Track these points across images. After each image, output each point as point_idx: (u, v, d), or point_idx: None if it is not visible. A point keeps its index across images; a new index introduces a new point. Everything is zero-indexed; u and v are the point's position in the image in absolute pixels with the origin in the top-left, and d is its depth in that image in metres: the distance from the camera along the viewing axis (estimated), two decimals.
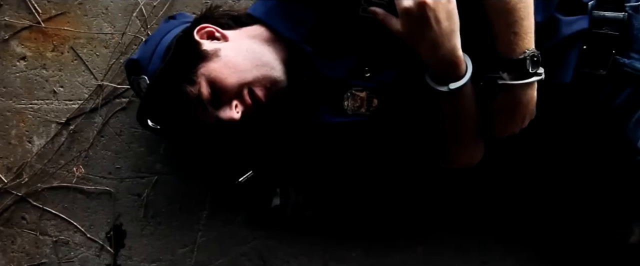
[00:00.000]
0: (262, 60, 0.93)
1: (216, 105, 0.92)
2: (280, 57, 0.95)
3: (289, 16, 0.95)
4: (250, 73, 0.91)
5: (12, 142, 1.18)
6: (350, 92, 0.96)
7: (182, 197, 1.19)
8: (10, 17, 1.15)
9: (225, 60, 0.91)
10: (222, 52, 0.92)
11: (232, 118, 0.92)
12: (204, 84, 0.90)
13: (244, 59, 0.92)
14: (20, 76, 1.17)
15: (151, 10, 1.15)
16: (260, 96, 0.93)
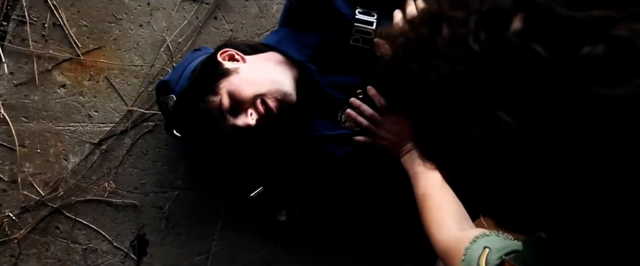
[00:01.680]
0: (274, 77, 1.09)
1: (234, 114, 1.07)
2: (290, 75, 1.11)
3: (296, 42, 1.12)
4: (264, 86, 1.07)
5: (50, 160, 1.33)
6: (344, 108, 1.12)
7: (199, 210, 1.33)
8: (53, 50, 1.31)
9: (243, 76, 1.08)
10: (241, 70, 1.09)
11: (248, 124, 1.06)
12: (224, 95, 1.06)
13: (259, 75, 1.08)
14: (59, 102, 1.32)
15: (176, 46, 1.31)
16: (272, 107, 1.07)
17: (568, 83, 0.36)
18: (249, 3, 1.32)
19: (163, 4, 1.31)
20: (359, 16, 1.05)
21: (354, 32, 1.06)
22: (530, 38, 0.37)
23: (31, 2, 1.30)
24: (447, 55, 0.41)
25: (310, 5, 1.08)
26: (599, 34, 0.35)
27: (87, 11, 1.31)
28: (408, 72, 0.45)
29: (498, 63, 0.38)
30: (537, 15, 0.38)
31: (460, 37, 0.40)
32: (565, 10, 0.36)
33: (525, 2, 0.38)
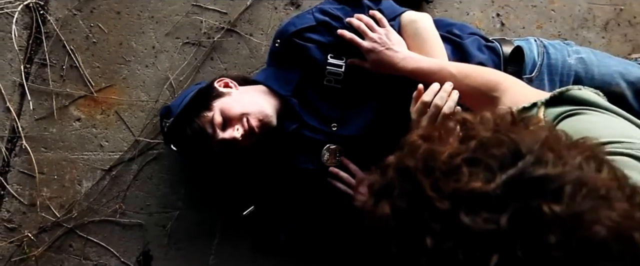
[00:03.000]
0: (259, 102, 1.28)
1: (223, 129, 1.25)
2: (273, 104, 1.30)
3: (280, 79, 1.32)
4: (250, 107, 1.26)
5: (65, 185, 1.50)
6: (327, 147, 1.31)
7: (198, 227, 1.50)
8: (70, 88, 1.49)
9: (234, 98, 1.27)
10: (233, 94, 1.29)
11: (233, 137, 1.23)
12: (216, 112, 1.24)
13: (247, 99, 1.28)
14: (75, 133, 1.50)
15: (178, 83, 1.50)
16: (254, 125, 1.24)
17: None
18: (240, 45, 1.52)
19: (166, 47, 1.51)
20: (330, 60, 1.25)
21: (327, 74, 1.26)
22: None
23: (51, 47, 1.49)
24: (428, 262, 0.46)
25: (289, 51, 1.28)
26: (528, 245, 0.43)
27: (100, 54, 1.50)
28: (381, 247, 0.51)
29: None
30: None
31: (440, 252, 0.45)
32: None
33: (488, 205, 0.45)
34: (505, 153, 0.48)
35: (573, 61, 1.26)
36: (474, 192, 0.45)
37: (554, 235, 0.43)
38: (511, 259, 0.43)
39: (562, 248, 0.43)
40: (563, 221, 0.44)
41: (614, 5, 1.58)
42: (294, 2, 1.52)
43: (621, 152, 0.66)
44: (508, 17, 1.56)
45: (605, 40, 1.57)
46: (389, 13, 1.25)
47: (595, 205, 0.45)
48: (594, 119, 0.73)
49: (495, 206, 0.45)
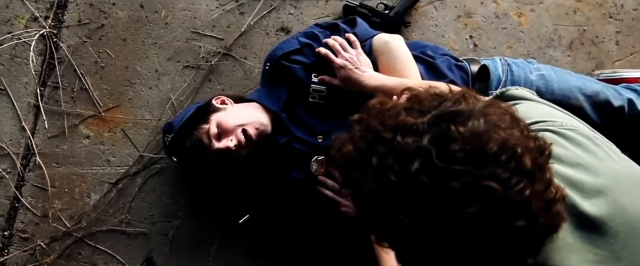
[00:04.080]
0: (253, 116, 1.41)
1: (219, 140, 1.37)
2: (264, 119, 1.42)
3: (271, 96, 1.46)
4: (245, 119, 1.39)
5: (75, 197, 1.62)
6: (315, 158, 1.44)
7: (197, 235, 1.62)
8: (80, 109, 1.63)
9: (229, 112, 1.41)
10: (229, 109, 1.43)
11: (227, 147, 1.35)
12: (213, 124, 1.38)
13: (241, 113, 1.42)
14: (84, 150, 1.63)
15: (179, 103, 1.64)
16: (252, 134, 1.36)
17: (439, 204, 0.62)
18: (235, 68, 1.66)
19: (168, 70, 1.65)
20: (314, 79, 1.40)
21: (311, 91, 1.40)
22: (422, 174, 0.62)
23: (63, 71, 1.63)
24: (374, 176, 0.64)
25: (278, 72, 1.42)
26: (451, 178, 0.61)
27: (108, 77, 1.64)
28: (349, 177, 0.69)
29: (402, 187, 0.63)
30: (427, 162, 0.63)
31: (382, 166, 0.64)
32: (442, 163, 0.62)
33: (422, 152, 0.63)
34: (433, 103, 0.67)
35: (534, 77, 1.40)
36: (407, 124, 0.65)
37: (457, 145, 0.62)
38: (430, 165, 0.62)
39: (464, 155, 0.61)
40: (465, 137, 0.62)
41: (577, 26, 1.73)
42: (284, 28, 1.67)
43: (544, 128, 0.84)
44: (480, 39, 1.70)
45: (571, 58, 1.71)
46: (362, 36, 1.40)
47: (490, 128, 0.63)
48: (526, 107, 0.91)
49: (421, 132, 0.64)
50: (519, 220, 0.62)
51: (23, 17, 1.65)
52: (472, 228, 0.62)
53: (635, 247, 0.75)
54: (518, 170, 0.62)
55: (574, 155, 0.80)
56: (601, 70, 1.68)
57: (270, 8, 1.67)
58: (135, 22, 1.66)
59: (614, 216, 0.75)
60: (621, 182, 0.79)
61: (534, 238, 0.65)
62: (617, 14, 1.74)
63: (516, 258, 0.66)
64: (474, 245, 0.63)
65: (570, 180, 0.77)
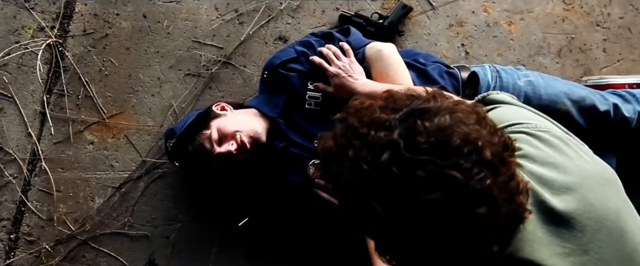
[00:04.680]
0: (250, 122, 1.47)
1: (219, 144, 1.43)
2: (263, 124, 1.48)
3: (269, 103, 1.52)
4: (242, 125, 1.45)
5: (79, 201, 1.67)
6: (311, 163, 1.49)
7: (198, 238, 1.66)
8: (85, 115, 1.68)
9: (229, 118, 1.47)
10: (228, 115, 1.48)
11: (229, 150, 1.41)
12: (214, 129, 1.43)
13: (240, 119, 1.47)
14: (88, 155, 1.68)
15: (180, 110, 1.70)
16: (246, 141, 1.42)
17: (407, 191, 0.68)
18: (235, 76, 1.72)
19: (170, 78, 1.71)
20: (310, 87, 1.45)
21: (308, 98, 1.46)
22: (391, 164, 0.68)
23: (68, 79, 1.69)
24: (350, 167, 0.71)
25: (275, 79, 1.48)
26: (417, 167, 0.67)
27: (112, 85, 1.70)
28: (330, 171, 0.76)
29: (374, 176, 0.69)
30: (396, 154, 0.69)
31: (357, 158, 0.71)
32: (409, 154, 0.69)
33: (392, 144, 0.69)
34: (406, 102, 0.73)
35: (522, 83, 1.45)
36: (380, 120, 0.72)
37: (423, 138, 0.68)
38: (399, 156, 0.68)
39: (428, 147, 0.68)
40: (430, 131, 0.69)
41: (566, 34, 1.79)
42: (282, 37, 1.73)
43: (519, 130, 0.90)
44: (472, 47, 1.76)
45: (559, 65, 1.77)
46: (356, 44, 1.45)
47: (455, 124, 0.69)
48: (504, 110, 0.98)
49: (392, 127, 0.71)
50: (480, 206, 0.68)
51: (30, 27, 1.71)
52: (437, 213, 0.68)
53: (601, 240, 0.81)
54: (479, 162, 0.68)
55: (545, 154, 0.85)
56: (589, 77, 1.74)
57: (268, 18, 1.73)
58: (138, 32, 1.72)
59: (582, 212, 0.81)
60: (589, 180, 0.84)
61: (497, 225, 0.71)
62: (604, 22, 1.80)
63: (481, 244, 0.72)
64: (440, 229, 0.69)
65: (541, 178, 0.82)
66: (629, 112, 1.48)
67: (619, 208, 0.85)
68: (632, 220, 0.86)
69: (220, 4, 1.74)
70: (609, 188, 0.86)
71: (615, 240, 0.82)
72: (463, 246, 0.71)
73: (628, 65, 1.78)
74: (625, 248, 0.83)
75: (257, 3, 1.74)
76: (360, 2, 1.75)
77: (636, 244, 0.84)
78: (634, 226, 0.85)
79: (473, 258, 0.74)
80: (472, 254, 0.72)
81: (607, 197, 0.84)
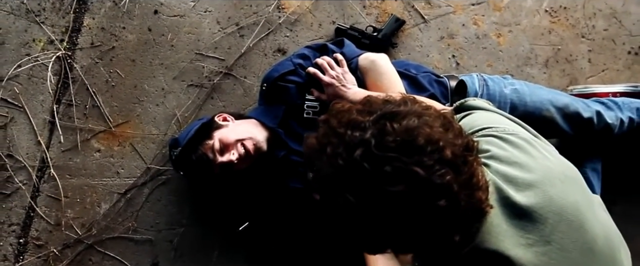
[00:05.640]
0: (252, 132, 1.54)
1: (221, 154, 1.50)
2: (263, 134, 1.55)
3: (268, 113, 1.59)
4: (244, 135, 1.51)
5: (86, 207, 1.74)
6: None
7: (200, 242, 1.73)
8: (92, 124, 1.76)
9: (231, 128, 1.54)
10: (230, 125, 1.55)
11: (230, 160, 1.48)
12: (216, 139, 1.50)
13: (241, 129, 1.54)
14: (95, 162, 1.76)
15: (184, 119, 1.77)
16: (249, 148, 1.49)
17: (375, 184, 0.75)
18: (236, 86, 1.79)
19: (173, 89, 1.79)
20: (308, 97, 1.53)
21: (306, 108, 1.53)
22: (363, 160, 0.76)
23: (76, 90, 1.77)
24: (328, 162, 0.79)
25: (274, 91, 1.56)
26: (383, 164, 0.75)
27: (118, 95, 1.78)
28: (312, 166, 0.83)
29: (348, 171, 0.77)
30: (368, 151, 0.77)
31: (334, 154, 0.79)
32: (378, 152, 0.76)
33: (363, 143, 0.77)
34: (380, 106, 0.82)
35: (508, 91, 1.53)
36: (356, 121, 0.80)
37: (391, 138, 0.76)
38: (369, 153, 0.76)
39: (395, 146, 0.75)
40: (398, 132, 0.76)
41: (552, 45, 1.87)
42: (280, 50, 1.81)
43: (489, 133, 0.99)
44: (462, 58, 1.84)
45: (547, 75, 1.85)
46: (349, 55, 1.53)
47: (421, 126, 0.77)
48: (477, 116, 1.07)
49: (365, 128, 0.79)
50: (441, 199, 0.75)
51: (40, 40, 1.80)
52: (402, 204, 0.75)
53: (563, 232, 0.89)
54: (441, 160, 0.76)
55: (511, 155, 0.94)
56: (574, 86, 1.81)
57: (268, 31, 1.81)
58: (143, 45, 1.80)
59: (542, 205, 0.89)
60: (551, 177, 0.92)
61: (458, 217, 0.78)
62: (589, 34, 1.88)
63: (443, 233, 0.80)
64: (405, 219, 0.77)
65: (506, 176, 0.91)
66: (612, 119, 1.55)
67: (579, 202, 0.93)
68: (592, 213, 0.95)
69: (222, 18, 1.82)
70: (569, 184, 0.95)
71: (575, 231, 0.90)
72: (427, 234, 0.79)
73: (612, 74, 1.85)
74: (585, 238, 0.91)
75: (256, 17, 1.82)
76: (356, 16, 1.83)
77: (595, 235, 0.92)
78: (593, 219, 0.94)
79: (438, 247, 0.82)
80: (436, 242, 0.80)
81: (567, 192, 0.92)
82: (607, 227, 1.00)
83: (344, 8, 1.84)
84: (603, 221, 0.99)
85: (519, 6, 1.88)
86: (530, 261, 0.87)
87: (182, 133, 1.62)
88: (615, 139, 1.60)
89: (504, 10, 1.87)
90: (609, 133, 1.57)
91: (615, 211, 1.71)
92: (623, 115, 1.57)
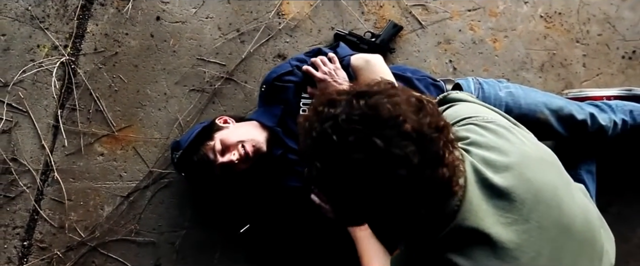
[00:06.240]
0: (252, 133, 1.57)
1: (222, 154, 1.52)
2: (263, 134, 1.58)
3: (267, 114, 1.63)
4: (244, 136, 1.54)
5: (89, 209, 1.76)
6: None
7: (202, 244, 1.75)
8: (95, 128, 1.79)
9: (231, 130, 1.57)
10: (231, 127, 1.58)
11: (231, 160, 1.51)
12: (217, 141, 1.53)
13: (242, 131, 1.57)
14: (98, 166, 1.78)
15: (185, 123, 1.80)
16: (249, 150, 1.52)
17: (340, 152, 0.84)
18: (237, 91, 1.83)
19: (175, 93, 1.82)
20: (304, 95, 1.57)
21: (302, 105, 1.57)
22: (332, 132, 0.85)
23: (80, 95, 1.80)
24: (307, 135, 0.88)
25: (273, 92, 1.59)
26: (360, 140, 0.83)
27: (121, 100, 1.81)
28: (300, 141, 0.93)
29: (320, 140, 0.86)
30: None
31: (311, 128, 0.88)
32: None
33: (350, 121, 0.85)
34: (359, 87, 0.91)
35: (503, 94, 1.56)
36: (333, 100, 0.89)
37: (357, 112, 0.85)
38: (337, 126, 0.84)
39: (359, 119, 0.84)
40: (363, 108, 0.85)
41: (547, 50, 1.90)
42: (280, 55, 1.85)
43: (470, 122, 1.06)
44: (459, 63, 1.87)
45: (542, 80, 1.88)
46: (342, 53, 1.59)
47: (385, 102, 0.85)
48: (459, 107, 1.15)
49: (338, 105, 0.87)
50: (400, 169, 0.82)
51: (45, 46, 1.83)
52: (363, 172, 0.83)
53: (540, 211, 0.96)
54: (401, 133, 0.83)
55: (489, 140, 1.01)
56: (569, 90, 1.84)
57: (268, 37, 1.85)
58: (146, 50, 1.84)
59: (519, 186, 0.96)
60: (527, 160, 0.99)
61: (421, 190, 0.85)
62: (583, 38, 1.91)
63: (409, 205, 0.86)
64: (368, 186, 0.84)
65: (484, 159, 0.98)
66: (605, 121, 1.58)
67: (555, 184, 1.00)
68: (569, 195, 1.02)
69: (223, 24, 1.86)
70: (546, 167, 1.02)
71: (553, 210, 0.97)
72: (392, 204, 0.86)
73: (606, 78, 1.88)
74: (562, 218, 0.98)
75: (257, 23, 1.86)
76: (354, 22, 1.87)
77: (573, 215, 0.99)
78: (570, 201, 1.01)
79: (407, 220, 0.91)
80: (403, 214, 0.88)
81: (544, 174, 0.99)
82: (585, 209, 1.06)
83: (343, 14, 1.87)
84: (581, 203, 1.06)
85: (515, 12, 1.91)
86: (510, 239, 0.93)
87: (184, 136, 1.65)
88: (609, 141, 1.63)
89: (499, 15, 1.91)
90: (602, 135, 1.60)
91: (611, 212, 1.77)
92: (616, 118, 1.60)
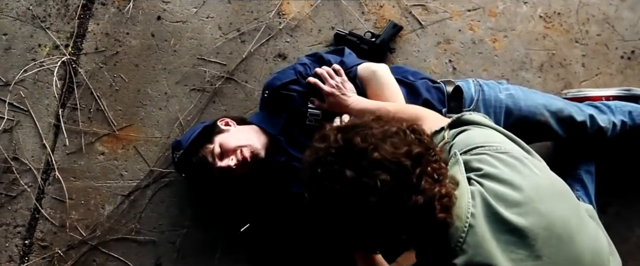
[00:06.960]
0: (252, 139, 1.57)
1: (221, 158, 1.53)
2: (262, 140, 1.58)
3: (269, 121, 1.62)
4: (243, 141, 1.54)
5: (90, 208, 1.77)
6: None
7: (202, 243, 1.76)
8: (96, 127, 1.80)
9: (231, 134, 1.57)
10: (231, 130, 1.58)
11: (229, 165, 1.51)
12: (216, 144, 1.53)
13: (242, 135, 1.57)
14: (99, 165, 1.79)
15: (186, 122, 1.81)
16: (246, 156, 1.52)
17: (319, 183, 0.93)
18: (237, 91, 1.83)
19: (176, 93, 1.82)
20: (310, 105, 1.56)
21: (309, 115, 1.56)
22: (316, 165, 0.94)
23: (81, 94, 1.81)
24: (304, 168, 0.97)
25: (276, 99, 1.59)
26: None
27: (121, 99, 1.82)
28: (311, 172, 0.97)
29: (308, 173, 0.95)
30: None
31: (305, 162, 0.98)
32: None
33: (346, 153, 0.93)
34: (341, 125, 1.03)
35: (503, 96, 1.57)
36: (325, 135, 0.97)
37: (335, 146, 0.93)
38: (319, 159, 0.93)
39: (336, 152, 0.92)
40: (339, 141, 0.94)
41: (547, 50, 1.91)
42: (281, 55, 1.85)
43: (483, 152, 1.04)
44: (458, 63, 1.88)
45: (541, 79, 1.89)
46: (349, 63, 1.57)
47: (358, 135, 0.93)
48: (474, 133, 1.11)
49: (327, 140, 0.96)
50: (371, 196, 0.87)
51: (46, 45, 1.83)
52: (339, 200, 0.91)
53: (553, 246, 0.95)
54: (372, 163, 0.89)
55: (502, 173, 1.00)
56: (568, 90, 1.85)
57: (268, 37, 1.85)
58: (146, 50, 1.84)
59: (532, 221, 0.95)
60: (540, 193, 0.98)
61: (395, 215, 0.89)
62: (582, 39, 1.92)
63: (387, 231, 0.93)
64: (347, 214, 0.91)
65: (497, 194, 0.97)
66: (604, 122, 1.59)
67: (567, 216, 0.99)
68: (581, 226, 1.01)
69: (224, 24, 1.86)
70: (557, 199, 1.00)
71: (564, 244, 0.96)
72: (370, 230, 0.92)
73: (605, 78, 1.89)
74: (574, 250, 0.97)
75: (257, 23, 1.86)
76: (354, 22, 1.87)
77: (583, 247, 0.98)
78: (582, 232, 1.00)
79: (390, 244, 1.00)
80: (383, 239, 0.95)
81: (556, 207, 0.98)
82: (595, 237, 1.04)
83: (343, 14, 1.88)
84: (592, 233, 1.04)
85: (514, 12, 1.92)
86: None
87: (184, 135, 1.65)
88: (608, 142, 1.63)
89: (499, 16, 1.92)
90: (602, 136, 1.61)
91: (609, 213, 1.78)
92: (615, 119, 1.61)
